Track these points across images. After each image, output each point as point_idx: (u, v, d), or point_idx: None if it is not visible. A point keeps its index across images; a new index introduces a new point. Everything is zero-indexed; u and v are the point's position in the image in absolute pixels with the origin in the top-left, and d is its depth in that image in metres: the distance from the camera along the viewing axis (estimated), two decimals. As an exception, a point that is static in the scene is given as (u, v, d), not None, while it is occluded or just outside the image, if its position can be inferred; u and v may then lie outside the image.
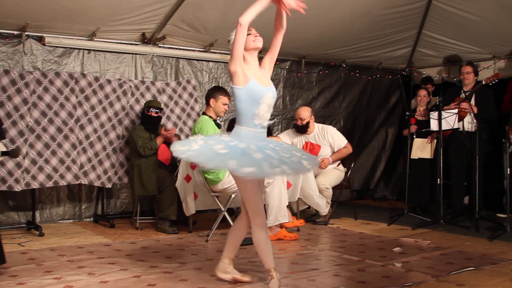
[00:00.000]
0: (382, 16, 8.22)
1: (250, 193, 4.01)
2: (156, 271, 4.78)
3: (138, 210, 7.02)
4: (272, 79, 4.12)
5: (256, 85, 3.95)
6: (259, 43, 4.04)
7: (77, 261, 5.12)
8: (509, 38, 8.27)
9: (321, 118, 9.29)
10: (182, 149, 3.84)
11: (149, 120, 6.99)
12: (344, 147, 7.49)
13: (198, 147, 3.83)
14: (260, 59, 4.21)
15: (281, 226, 6.29)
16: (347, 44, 8.98)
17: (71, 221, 7.37)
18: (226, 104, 6.50)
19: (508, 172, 6.42)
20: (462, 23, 8.26)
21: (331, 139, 7.47)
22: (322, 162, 7.34)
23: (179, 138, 7.09)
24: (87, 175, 7.00)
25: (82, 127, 7.05)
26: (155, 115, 7.00)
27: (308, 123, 7.43)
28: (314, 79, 9.56)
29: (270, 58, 4.24)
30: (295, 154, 4.01)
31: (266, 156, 3.75)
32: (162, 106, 7.39)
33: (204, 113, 6.55)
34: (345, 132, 8.65)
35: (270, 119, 4.12)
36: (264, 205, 4.74)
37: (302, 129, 7.49)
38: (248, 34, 3.97)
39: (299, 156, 4.01)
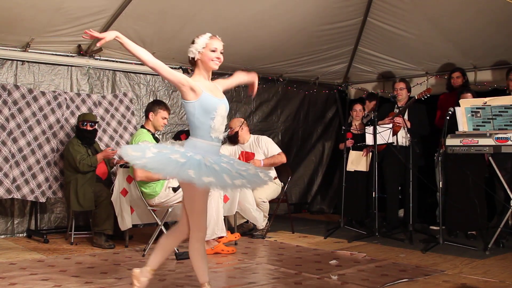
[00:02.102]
0: (318, 32, 8.35)
1: (197, 206, 3.89)
2: (91, 287, 4.69)
3: (73, 224, 6.87)
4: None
5: (209, 97, 3.84)
6: (216, 66, 3.95)
7: (9, 277, 4.96)
8: (441, 55, 8.53)
9: (259, 132, 9.32)
10: (135, 154, 3.66)
11: (84, 134, 6.86)
12: (277, 154, 7.49)
13: (152, 155, 3.67)
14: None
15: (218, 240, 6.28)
16: (285, 59, 9.07)
17: (3, 236, 7.15)
18: (165, 118, 6.45)
19: (441, 186, 6.59)
20: (397, 40, 8.48)
21: (265, 146, 7.47)
22: (252, 162, 7.26)
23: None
24: (20, 189, 6.82)
25: (15, 140, 6.87)
26: (91, 128, 6.88)
27: (237, 133, 7.42)
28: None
29: (227, 85, 4.23)
30: (250, 167, 3.95)
31: (223, 168, 3.68)
32: (98, 119, 7.30)
33: (142, 126, 6.49)
34: (283, 146, 8.72)
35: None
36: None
37: (231, 139, 7.49)
38: (213, 51, 3.88)
39: (255, 169, 3.97)
